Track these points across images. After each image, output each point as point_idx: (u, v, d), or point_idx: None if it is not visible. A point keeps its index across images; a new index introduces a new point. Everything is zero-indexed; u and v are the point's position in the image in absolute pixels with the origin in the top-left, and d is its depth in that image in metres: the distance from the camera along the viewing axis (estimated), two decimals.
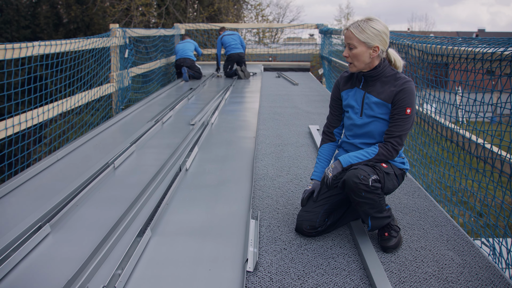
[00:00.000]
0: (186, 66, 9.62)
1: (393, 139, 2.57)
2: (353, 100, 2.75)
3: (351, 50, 2.58)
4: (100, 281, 2.17)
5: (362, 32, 2.53)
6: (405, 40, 4.96)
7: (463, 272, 2.40)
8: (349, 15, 37.63)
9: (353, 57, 2.60)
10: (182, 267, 2.33)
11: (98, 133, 4.99)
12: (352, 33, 2.55)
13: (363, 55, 2.57)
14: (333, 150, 2.94)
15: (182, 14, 17.93)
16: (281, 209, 3.10)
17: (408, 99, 2.55)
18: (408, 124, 2.57)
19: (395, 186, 2.63)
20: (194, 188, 3.41)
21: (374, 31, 2.53)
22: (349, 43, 2.58)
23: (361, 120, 2.70)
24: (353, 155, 2.60)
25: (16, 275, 2.25)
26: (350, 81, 2.80)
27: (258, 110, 6.32)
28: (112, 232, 2.63)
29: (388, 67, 2.65)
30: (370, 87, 2.67)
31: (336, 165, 2.61)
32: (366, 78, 2.68)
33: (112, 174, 3.70)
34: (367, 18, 2.58)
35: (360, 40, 2.54)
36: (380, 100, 2.61)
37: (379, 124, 2.65)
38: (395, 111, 2.57)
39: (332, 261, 2.46)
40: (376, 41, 2.55)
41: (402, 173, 2.71)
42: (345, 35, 2.62)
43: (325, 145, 2.94)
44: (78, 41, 5.69)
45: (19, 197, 3.25)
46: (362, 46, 2.55)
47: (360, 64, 2.60)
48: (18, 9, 15.21)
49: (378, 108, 2.63)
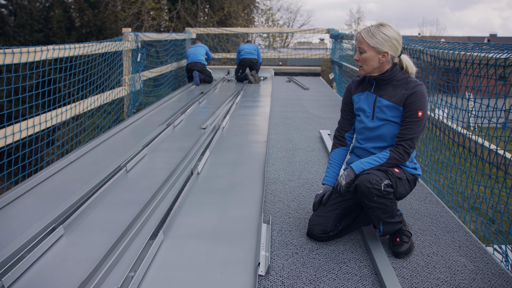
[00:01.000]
0: (197, 70, 9.66)
1: (404, 142, 2.57)
2: (364, 103, 2.75)
3: (361, 54, 2.62)
4: (113, 283, 2.19)
5: (372, 37, 2.56)
6: (417, 45, 4.96)
7: (475, 278, 2.39)
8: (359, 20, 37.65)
9: (362, 61, 2.63)
10: (195, 270, 2.35)
11: (110, 136, 5.02)
12: (362, 37, 2.59)
13: (372, 59, 2.59)
14: (344, 154, 2.94)
15: (193, 18, 18.03)
16: (292, 214, 3.11)
17: (420, 102, 2.55)
18: (419, 127, 2.57)
19: (407, 191, 2.63)
20: (206, 191, 3.43)
21: (384, 36, 2.55)
22: (360, 47, 2.61)
23: (372, 123, 2.70)
24: (365, 161, 2.61)
25: (30, 276, 2.27)
26: (362, 85, 2.81)
27: (269, 115, 6.34)
28: (124, 234, 2.65)
29: (400, 71, 2.67)
30: (382, 91, 2.68)
31: (349, 172, 2.62)
32: (377, 81, 2.70)
33: (124, 177, 3.73)
34: (379, 23, 2.61)
35: (369, 45, 2.57)
36: (391, 103, 2.62)
37: (390, 127, 2.66)
38: (407, 114, 2.58)
39: (343, 266, 2.47)
40: (386, 46, 2.56)
41: (414, 178, 2.71)
42: (356, 39, 2.66)
43: (336, 150, 2.95)
44: (92, 45, 5.74)
45: (32, 199, 3.28)
46: (371, 51, 2.58)
47: (368, 68, 2.63)
48: (32, 13, 15.39)
49: (389, 111, 2.64)
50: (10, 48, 4.06)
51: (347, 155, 2.97)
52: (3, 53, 3.95)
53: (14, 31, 14.71)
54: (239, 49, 10.49)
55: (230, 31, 12.74)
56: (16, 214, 3.02)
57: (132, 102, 7.40)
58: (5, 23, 14.66)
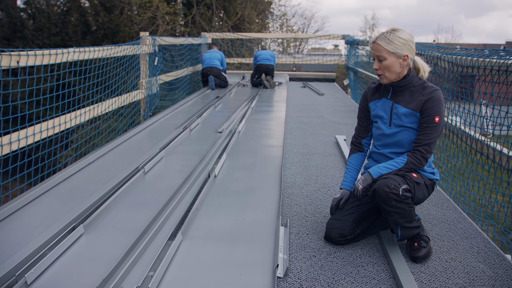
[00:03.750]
0: (212, 74, 9.70)
1: (421, 147, 2.57)
2: (381, 110, 2.76)
3: (381, 62, 2.60)
4: (133, 282, 2.21)
5: (390, 43, 2.56)
6: (434, 52, 4.95)
7: (494, 285, 2.38)
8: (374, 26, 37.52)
9: (384, 69, 2.62)
10: (213, 271, 2.36)
11: (128, 138, 5.07)
12: (380, 45, 2.58)
13: (394, 65, 2.59)
14: (362, 160, 2.95)
15: (208, 23, 18.13)
16: (309, 217, 3.12)
17: (437, 107, 2.56)
18: (436, 132, 2.57)
19: (425, 196, 2.63)
20: (223, 194, 3.45)
21: (402, 40, 2.56)
22: (378, 55, 2.60)
23: (390, 130, 2.71)
24: (382, 166, 2.61)
25: (52, 273, 2.31)
26: (378, 92, 2.82)
27: (284, 119, 6.35)
28: (144, 234, 2.68)
29: (416, 76, 2.67)
30: (399, 97, 2.68)
31: (366, 177, 2.63)
32: (395, 88, 2.70)
33: (142, 178, 3.76)
34: (392, 29, 2.61)
35: (389, 51, 2.57)
36: (409, 110, 2.63)
37: (408, 134, 2.66)
38: (424, 119, 2.58)
39: (361, 270, 2.47)
40: (405, 50, 2.58)
41: (432, 183, 2.71)
42: (372, 48, 2.64)
43: (354, 155, 2.96)
44: (110, 48, 5.82)
45: (52, 198, 3.33)
46: (391, 56, 2.58)
47: (391, 75, 2.62)
48: (50, 17, 15.61)
49: (406, 118, 2.64)
50: (33, 50, 4.13)
51: (365, 160, 2.98)
52: (25, 55, 4.02)
53: (33, 35, 14.92)
54: (256, 55, 10.55)
55: (246, 36, 12.80)
56: (36, 213, 3.06)
57: (149, 105, 7.46)
58: (24, 27, 14.87)
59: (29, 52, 4.08)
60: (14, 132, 3.98)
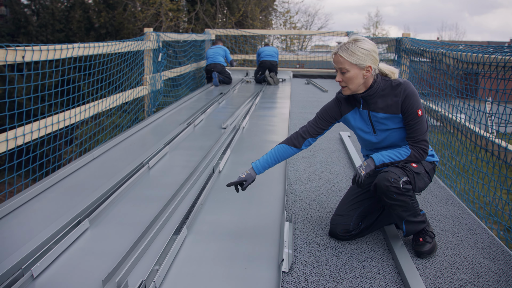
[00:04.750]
0: (216, 71, 9.71)
1: (420, 144, 2.54)
2: (359, 122, 2.71)
3: (344, 74, 2.53)
4: (139, 276, 2.22)
5: (352, 55, 2.48)
6: (439, 48, 4.94)
7: (500, 280, 2.38)
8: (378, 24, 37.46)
9: (347, 81, 2.54)
10: (218, 265, 2.37)
11: (132, 134, 5.08)
12: (342, 57, 2.50)
13: (357, 77, 2.52)
14: (289, 155, 2.79)
15: (211, 19, 18.13)
16: (314, 213, 3.12)
17: (416, 102, 2.51)
18: (424, 124, 2.54)
19: (426, 183, 2.61)
20: (228, 189, 3.45)
21: (364, 51, 2.49)
22: (341, 67, 2.52)
23: (377, 137, 2.68)
24: (386, 154, 2.58)
25: (58, 266, 2.32)
26: (350, 102, 2.74)
27: (288, 116, 6.35)
28: (149, 229, 2.69)
29: (381, 80, 2.59)
30: (372, 105, 2.62)
31: (369, 162, 2.59)
32: (364, 98, 2.63)
33: (146, 173, 3.77)
34: (353, 39, 2.53)
35: (351, 63, 2.49)
36: (388, 114, 2.58)
37: (396, 134, 2.63)
38: (408, 118, 2.53)
39: (366, 265, 2.47)
40: (368, 61, 2.50)
41: (433, 166, 2.68)
42: (334, 60, 2.56)
43: (286, 146, 2.78)
44: (115, 44, 5.82)
45: (57, 193, 3.34)
46: (354, 68, 2.50)
47: (354, 86, 2.55)
48: (54, 13, 15.63)
49: (389, 121, 2.59)
50: (38, 45, 4.14)
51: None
52: (31, 50, 4.03)
53: (37, 31, 14.95)
54: (259, 52, 10.54)
55: (249, 32, 12.78)
56: (41, 207, 3.07)
57: (153, 102, 7.47)
58: (28, 23, 14.90)
59: (34, 47, 4.08)
60: (19, 127, 3.99)
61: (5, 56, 3.73)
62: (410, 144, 2.57)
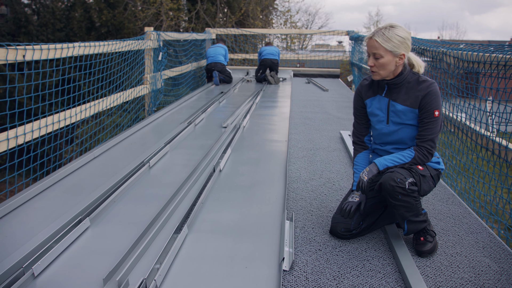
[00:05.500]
0: (217, 70, 9.71)
1: (426, 143, 2.56)
2: (376, 108, 2.73)
3: (377, 59, 2.53)
4: (140, 274, 2.22)
5: (388, 41, 2.49)
6: (439, 47, 4.94)
7: (500, 279, 2.38)
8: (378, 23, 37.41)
9: (379, 66, 2.55)
10: (219, 264, 2.37)
11: (133, 133, 5.08)
12: (377, 42, 2.50)
13: (390, 63, 2.53)
14: (367, 157, 2.90)
15: (212, 19, 18.12)
16: (315, 212, 3.12)
17: (435, 102, 2.53)
18: (438, 126, 2.55)
19: (431, 187, 2.62)
20: (228, 188, 3.45)
21: (400, 38, 2.50)
22: (375, 52, 2.53)
23: (388, 128, 2.69)
24: (389, 158, 2.60)
25: (59, 265, 2.32)
26: (372, 89, 2.77)
27: (289, 115, 6.35)
28: (149, 228, 2.69)
29: (410, 72, 2.63)
30: (394, 94, 2.64)
31: (371, 168, 2.61)
32: (390, 86, 2.65)
33: (147, 172, 3.77)
34: (390, 25, 2.53)
35: (386, 49, 2.50)
36: (406, 107, 2.59)
37: (408, 130, 2.64)
38: (424, 115, 2.55)
39: (367, 263, 2.47)
40: (402, 48, 2.51)
41: (437, 173, 2.69)
42: (368, 44, 2.56)
43: (359, 154, 2.90)
44: (115, 43, 5.82)
45: (57, 192, 3.34)
46: (388, 55, 2.51)
47: (385, 72, 2.57)
48: (54, 13, 15.63)
49: (405, 115, 2.61)
50: (38, 44, 4.13)
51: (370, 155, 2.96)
52: (31, 49, 4.02)
53: (37, 30, 14.94)
54: (260, 51, 10.58)
55: (250, 32, 12.78)
56: (42, 206, 3.07)
57: (153, 101, 7.47)
58: (29, 22, 14.89)
59: (35, 46, 4.08)
60: (19, 126, 3.99)
61: (5, 55, 3.73)
62: (417, 144, 2.59)
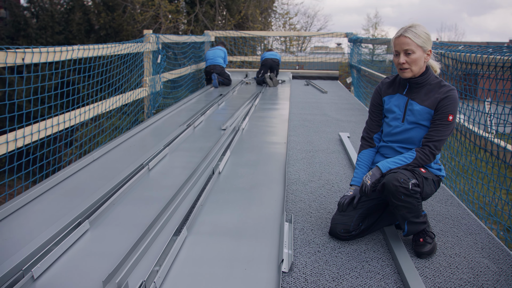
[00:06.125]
0: (216, 72, 9.71)
1: (431, 143, 2.58)
2: (394, 106, 2.76)
3: (409, 55, 2.58)
4: (139, 277, 2.23)
5: (418, 37, 2.56)
6: (438, 49, 4.95)
7: (499, 280, 2.38)
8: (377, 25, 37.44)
9: (412, 62, 2.59)
10: (218, 266, 2.38)
11: (132, 135, 5.09)
12: (409, 38, 2.56)
13: (421, 59, 2.59)
14: (372, 156, 2.92)
15: (211, 21, 18.14)
16: (314, 213, 3.13)
17: (452, 106, 2.56)
18: (448, 131, 2.57)
19: (432, 191, 2.64)
20: (227, 190, 3.46)
21: (426, 35, 2.59)
22: (407, 49, 2.57)
23: (402, 126, 2.71)
24: (391, 160, 2.62)
25: (58, 268, 2.32)
26: (392, 87, 2.81)
27: (288, 117, 6.36)
28: (149, 230, 2.70)
29: (432, 74, 2.68)
30: (414, 94, 2.68)
31: (374, 172, 2.63)
32: (412, 84, 2.69)
33: (146, 175, 3.78)
34: (413, 24, 2.60)
35: (418, 44, 2.56)
36: (424, 107, 2.63)
37: (420, 131, 2.67)
38: (437, 116, 2.59)
39: (366, 265, 2.48)
40: (429, 44, 2.60)
41: (438, 179, 2.71)
42: (399, 42, 2.60)
43: (364, 151, 2.93)
44: (114, 46, 5.82)
45: (57, 195, 3.34)
46: (419, 50, 2.58)
47: (417, 68, 2.62)
48: (53, 16, 15.62)
49: (421, 115, 2.64)
50: (38, 47, 4.14)
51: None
52: (30, 52, 4.03)
53: (36, 33, 14.94)
54: (262, 56, 10.69)
55: (249, 34, 12.79)
56: (41, 209, 3.07)
57: (152, 103, 7.48)
58: (28, 25, 14.89)
59: (34, 49, 4.09)
60: (18, 129, 4.00)
61: (5, 58, 3.74)
62: (422, 143, 2.62)
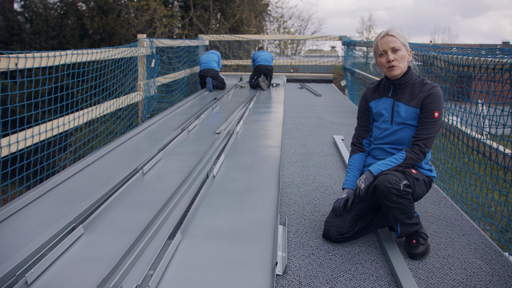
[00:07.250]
0: (210, 76, 9.72)
1: (420, 142, 2.61)
2: (382, 109, 2.79)
3: (397, 52, 2.65)
4: (133, 281, 2.23)
5: (401, 36, 2.66)
6: (430, 51, 4.98)
7: (492, 280, 2.40)
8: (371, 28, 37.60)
9: (399, 59, 2.66)
10: (213, 269, 2.38)
11: (126, 140, 5.09)
12: (394, 36, 2.65)
13: (405, 57, 2.68)
14: (363, 160, 2.95)
15: (205, 25, 18.15)
16: (308, 216, 3.14)
17: (436, 103, 2.60)
18: (435, 128, 2.61)
19: (424, 192, 2.66)
20: (222, 194, 3.46)
21: (406, 37, 2.69)
22: (394, 46, 2.64)
23: (391, 128, 2.74)
24: (382, 163, 2.64)
25: (52, 273, 2.32)
26: (378, 91, 2.86)
27: (282, 120, 6.37)
28: (143, 234, 2.70)
29: (414, 73, 2.74)
30: (399, 95, 2.72)
31: (367, 175, 2.65)
32: (396, 86, 2.74)
33: (141, 179, 3.78)
34: (391, 28, 2.70)
35: (402, 43, 2.66)
36: (410, 107, 2.67)
37: (409, 131, 2.70)
38: (423, 114, 2.63)
39: (360, 267, 2.49)
40: (408, 46, 2.70)
41: (429, 180, 2.73)
42: (386, 41, 2.66)
43: (355, 155, 2.97)
44: (108, 51, 5.83)
45: (51, 199, 3.34)
46: (403, 48, 2.67)
47: (404, 65, 2.69)
48: (47, 20, 15.59)
49: (407, 115, 2.68)
50: (31, 52, 4.14)
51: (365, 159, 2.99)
52: (24, 57, 4.03)
53: (30, 38, 14.90)
54: (254, 57, 10.59)
55: (243, 38, 12.81)
56: (35, 214, 3.07)
57: (147, 107, 7.48)
58: (22, 30, 14.85)
59: (27, 54, 4.09)
60: (12, 134, 3.99)
61: None
62: (412, 142, 2.65)
